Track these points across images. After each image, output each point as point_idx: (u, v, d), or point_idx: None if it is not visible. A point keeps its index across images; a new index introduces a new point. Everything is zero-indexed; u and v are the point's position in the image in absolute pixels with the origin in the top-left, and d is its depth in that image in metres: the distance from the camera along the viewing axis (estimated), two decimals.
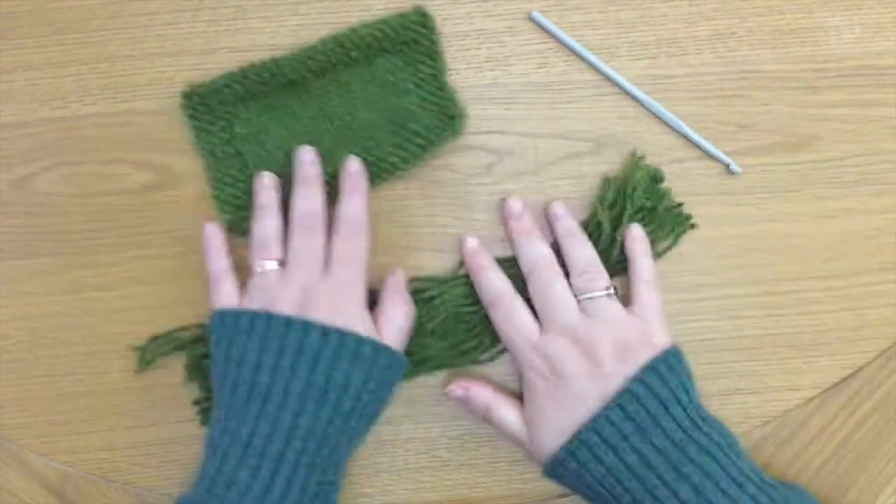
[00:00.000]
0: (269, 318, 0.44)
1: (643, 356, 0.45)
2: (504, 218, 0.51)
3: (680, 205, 0.52)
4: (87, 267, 0.52)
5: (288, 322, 0.43)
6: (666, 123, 0.52)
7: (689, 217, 0.52)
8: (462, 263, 0.51)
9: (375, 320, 0.47)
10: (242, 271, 0.48)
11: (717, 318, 0.52)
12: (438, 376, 0.52)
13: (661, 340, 0.46)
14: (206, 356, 0.50)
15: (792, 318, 0.52)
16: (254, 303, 0.45)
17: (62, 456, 0.52)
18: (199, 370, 0.50)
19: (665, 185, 0.52)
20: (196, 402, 0.51)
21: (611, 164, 0.52)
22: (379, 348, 0.45)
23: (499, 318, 0.48)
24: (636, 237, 0.50)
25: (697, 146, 0.52)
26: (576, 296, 0.47)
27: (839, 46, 0.53)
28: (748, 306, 0.52)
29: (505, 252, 0.52)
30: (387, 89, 0.51)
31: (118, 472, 0.52)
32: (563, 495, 0.52)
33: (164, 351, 0.51)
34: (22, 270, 0.52)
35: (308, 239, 0.46)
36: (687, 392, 0.45)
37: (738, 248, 0.52)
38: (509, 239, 0.51)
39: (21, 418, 0.52)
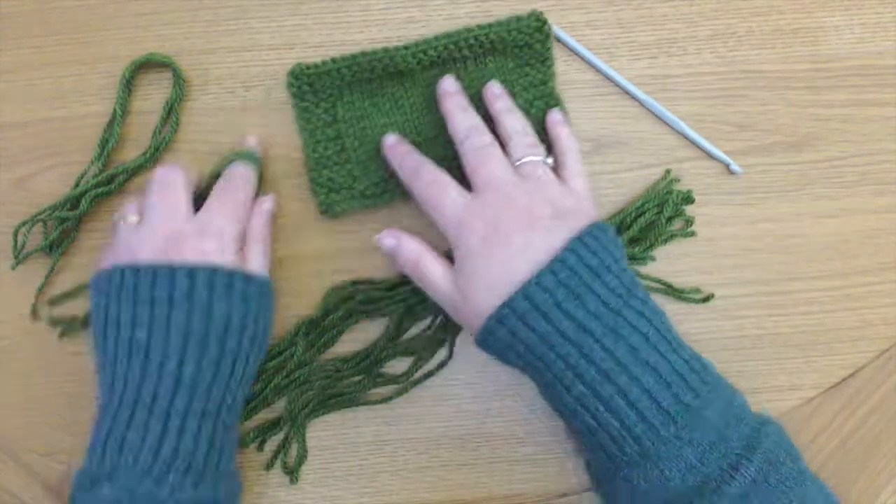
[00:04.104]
0: (134, 270, 0.43)
1: (578, 223, 0.44)
2: (439, 95, 0.50)
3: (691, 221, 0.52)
4: (87, 267, 0.52)
5: (154, 270, 0.42)
6: (666, 123, 0.52)
7: (693, 232, 0.52)
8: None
9: (241, 255, 0.46)
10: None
11: (717, 318, 0.52)
12: (443, 376, 0.52)
13: (594, 213, 0.46)
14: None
15: (792, 318, 0.52)
16: (119, 257, 0.44)
17: (62, 456, 0.52)
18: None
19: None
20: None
21: (611, 164, 0.52)
22: (249, 279, 0.45)
23: (429, 192, 0.46)
24: (557, 121, 0.50)
25: (697, 146, 0.52)
26: (512, 162, 0.46)
27: (839, 46, 0.53)
28: (748, 306, 0.52)
29: None
30: None
31: None
32: (563, 495, 0.52)
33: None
34: (22, 270, 0.52)
35: (166, 195, 0.46)
36: (617, 262, 0.44)
37: (738, 248, 0.52)
38: (444, 113, 0.49)
39: (21, 418, 0.52)
